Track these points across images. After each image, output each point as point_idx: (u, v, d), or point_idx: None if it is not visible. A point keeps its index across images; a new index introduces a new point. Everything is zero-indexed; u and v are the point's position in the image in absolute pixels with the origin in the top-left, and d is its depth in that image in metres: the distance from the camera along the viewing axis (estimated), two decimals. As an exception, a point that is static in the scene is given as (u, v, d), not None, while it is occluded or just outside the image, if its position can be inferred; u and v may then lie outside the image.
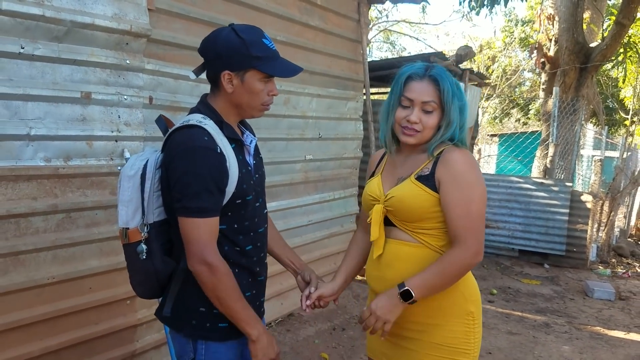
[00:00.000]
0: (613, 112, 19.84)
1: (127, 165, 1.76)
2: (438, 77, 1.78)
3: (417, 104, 1.78)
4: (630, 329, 5.15)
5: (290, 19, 4.07)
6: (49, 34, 2.42)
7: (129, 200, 1.73)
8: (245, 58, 1.68)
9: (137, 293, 1.88)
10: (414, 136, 1.80)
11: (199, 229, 1.64)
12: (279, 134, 4.16)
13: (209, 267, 1.64)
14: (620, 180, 9.09)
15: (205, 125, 1.68)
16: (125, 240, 1.75)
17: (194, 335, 1.77)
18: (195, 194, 1.62)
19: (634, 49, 10.40)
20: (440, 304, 1.80)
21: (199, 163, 1.62)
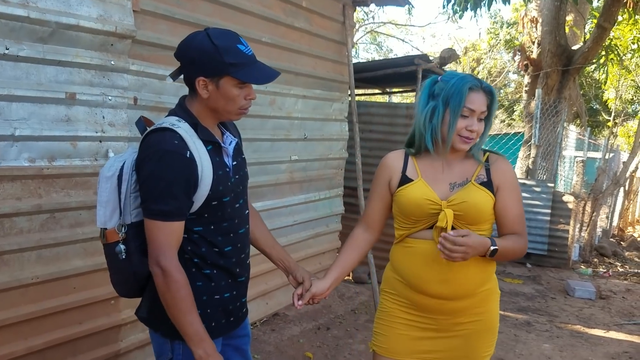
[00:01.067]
0: (597, 113, 20.09)
1: (105, 166, 1.76)
2: (492, 90, 1.95)
3: (477, 114, 1.91)
4: (610, 327, 5.24)
5: (275, 21, 4.10)
6: (34, 35, 2.43)
7: (107, 201, 1.74)
8: (219, 64, 1.67)
9: (117, 292, 1.89)
10: (470, 143, 1.94)
11: (158, 231, 1.65)
12: (265, 134, 4.18)
13: (161, 271, 1.65)
14: (603, 181, 9.22)
15: (177, 128, 1.68)
16: (103, 240, 1.77)
17: (171, 335, 1.77)
18: (158, 197, 1.64)
19: (615, 51, 10.55)
20: (488, 293, 2.04)
21: (164, 167, 1.63)
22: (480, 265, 1.96)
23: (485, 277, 2.01)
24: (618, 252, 9.60)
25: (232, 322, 1.90)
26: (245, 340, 2.06)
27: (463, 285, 1.97)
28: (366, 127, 6.12)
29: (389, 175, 2.06)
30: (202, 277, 1.78)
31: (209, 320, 1.79)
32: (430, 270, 1.96)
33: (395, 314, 2.10)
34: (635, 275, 7.68)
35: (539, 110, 8.29)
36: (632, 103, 20.21)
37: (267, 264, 4.37)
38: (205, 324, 1.74)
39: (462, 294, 1.98)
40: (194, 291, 1.72)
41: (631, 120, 20.06)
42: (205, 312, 1.78)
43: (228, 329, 1.89)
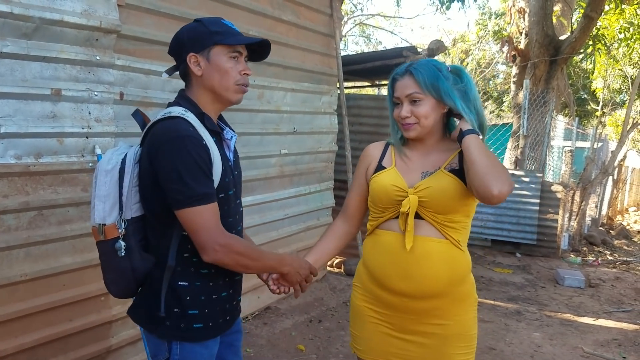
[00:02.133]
0: (585, 103, 20.22)
1: (103, 160, 1.71)
2: (413, 70, 1.84)
3: (403, 99, 1.86)
4: (600, 315, 5.29)
5: (262, 14, 4.09)
6: (18, 31, 2.41)
7: (106, 195, 1.67)
8: (205, 35, 1.68)
9: (110, 292, 1.82)
10: (412, 129, 1.87)
11: (203, 216, 1.60)
12: (254, 128, 4.17)
13: (225, 248, 1.62)
14: (591, 170, 9.29)
15: (187, 117, 1.65)
16: (101, 237, 1.69)
17: (168, 336, 1.73)
18: (194, 181, 1.58)
19: (602, 41, 10.61)
20: (460, 295, 1.90)
21: (190, 151, 1.58)
22: (448, 263, 1.85)
23: (454, 277, 1.86)
24: (607, 240, 9.70)
25: (228, 321, 1.86)
26: (237, 336, 2.03)
27: (426, 283, 1.84)
28: (355, 119, 6.13)
29: (367, 165, 2.05)
30: (201, 276, 1.73)
31: (208, 320, 1.76)
32: (393, 264, 1.88)
33: (364, 312, 2.00)
34: (624, 264, 7.76)
35: (527, 101, 8.33)
36: (619, 92, 20.36)
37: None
38: (203, 324, 1.73)
39: (426, 293, 1.85)
40: (191, 291, 1.71)
41: (619, 110, 20.21)
42: (204, 312, 1.74)
43: (225, 328, 1.86)
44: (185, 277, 1.71)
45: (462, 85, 1.86)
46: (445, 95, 1.82)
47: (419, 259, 1.83)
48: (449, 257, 1.85)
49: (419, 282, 1.84)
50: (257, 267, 1.80)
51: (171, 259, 1.69)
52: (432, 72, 1.83)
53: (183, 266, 1.70)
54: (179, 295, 1.70)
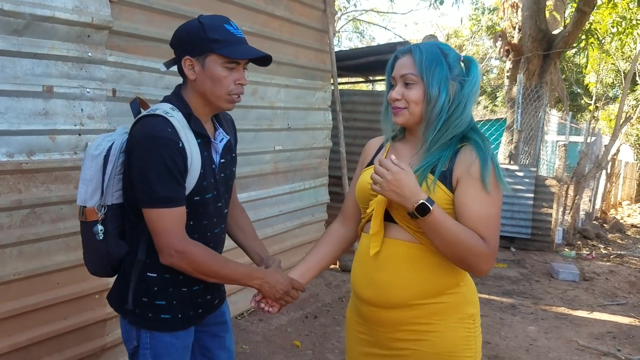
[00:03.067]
0: (578, 97, 20.28)
1: (93, 144, 1.73)
2: (414, 48, 1.64)
3: (398, 79, 1.64)
4: (594, 308, 5.32)
5: (255, 9, 4.07)
6: (8, 28, 2.38)
7: (90, 179, 1.71)
8: (202, 41, 1.64)
9: (88, 269, 1.87)
10: (400, 114, 1.65)
11: (164, 219, 1.62)
12: (248, 124, 4.16)
13: (181, 255, 1.63)
14: (585, 164, 9.32)
15: (171, 117, 1.64)
16: (82, 217, 1.75)
17: (137, 324, 1.76)
18: (160, 183, 1.60)
19: (594, 35, 10.64)
20: (440, 308, 1.63)
21: (162, 153, 1.60)
22: (419, 270, 1.62)
23: (428, 286, 1.62)
24: (601, 234, 9.74)
25: (201, 314, 1.87)
26: (222, 327, 2.01)
27: (392, 291, 1.63)
28: (350, 115, 6.12)
29: (362, 161, 1.89)
30: (171, 269, 1.71)
31: (176, 311, 1.77)
32: (362, 269, 1.72)
33: (350, 324, 1.84)
34: (618, 257, 7.80)
35: (520, 96, 8.35)
36: (612, 87, 20.44)
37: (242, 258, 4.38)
38: (171, 315, 1.76)
39: (392, 303, 1.64)
40: (160, 282, 1.74)
41: (612, 104, 20.29)
42: (171, 304, 1.76)
43: (198, 320, 1.86)
44: (154, 269, 1.73)
45: (467, 79, 1.64)
46: (434, 83, 1.59)
47: (384, 263, 1.64)
48: (421, 263, 1.61)
49: (383, 289, 1.65)
50: (218, 278, 1.74)
51: (141, 252, 1.73)
52: (434, 55, 1.61)
53: (153, 258, 1.71)
54: (148, 285, 1.74)
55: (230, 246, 2.06)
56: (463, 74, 1.65)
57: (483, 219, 1.56)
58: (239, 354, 3.70)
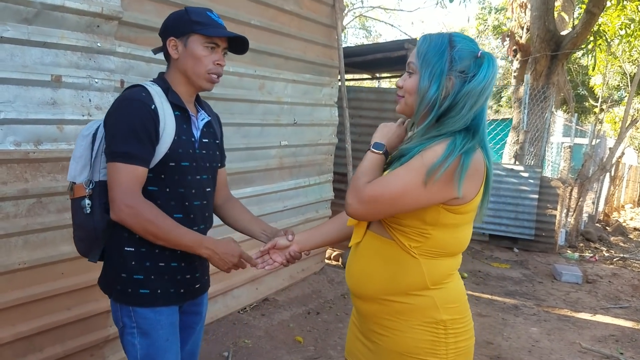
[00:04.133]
0: (583, 99, 20.21)
1: (85, 127, 1.86)
2: (424, 37, 1.58)
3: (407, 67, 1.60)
4: (597, 311, 5.30)
5: (264, 3, 4.05)
6: (18, 16, 2.37)
7: (80, 156, 1.80)
8: (185, 23, 1.80)
9: (78, 249, 1.91)
10: (398, 102, 1.63)
11: (119, 174, 1.69)
12: (254, 119, 4.15)
13: (130, 209, 1.68)
14: (589, 166, 9.29)
15: (148, 86, 1.79)
16: (71, 194, 1.82)
17: (120, 300, 1.82)
18: (122, 139, 1.69)
19: (603, 37, 10.59)
20: (403, 308, 1.61)
21: (130, 112, 1.71)
22: (388, 266, 1.61)
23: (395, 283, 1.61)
24: (604, 237, 9.72)
25: (182, 294, 1.89)
26: (195, 319, 2.04)
27: (362, 281, 1.67)
28: (356, 112, 6.11)
29: None
30: (147, 243, 1.76)
31: (154, 286, 1.81)
32: (349, 257, 1.78)
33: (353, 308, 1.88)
34: (621, 260, 7.78)
35: (527, 96, 8.32)
36: (618, 89, 20.36)
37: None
38: (149, 290, 1.80)
39: (362, 293, 1.68)
40: (137, 256, 1.79)
41: (617, 107, 20.22)
42: (149, 278, 1.80)
43: (180, 300, 1.89)
44: (131, 243, 1.79)
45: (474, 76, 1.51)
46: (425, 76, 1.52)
47: (361, 255, 1.69)
48: (389, 259, 1.61)
49: (356, 279, 1.70)
50: (166, 239, 1.74)
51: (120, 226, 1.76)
52: (437, 46, 1.53)
53: (130, 232, 1.76)
54: (125, 260, 1.80)
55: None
56: (471, 70, 1.52)
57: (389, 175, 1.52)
58: (242, 348, 3.70)
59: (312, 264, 5.31)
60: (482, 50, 1.55)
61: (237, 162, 3.97)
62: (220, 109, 3.76)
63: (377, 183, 1.52)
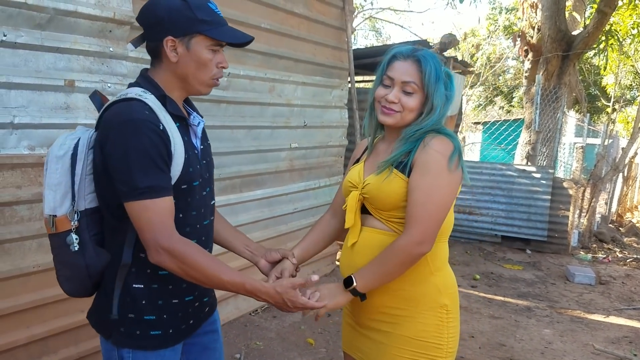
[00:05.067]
0: (595, 99, 20.07)
1: (55, 145, 1.53)
2: (422, 58, 1.69)
3: (397, 83, 1.70)
4: (610, 312, 5.26)
5: (274, 6, 4.07)
6: (32, 22, 2.41)
7: (57, 183, 1.50)
8: (190, 21, 1.50)
9: (64, 290, 1.63)
10: (392, 116, 1.72)
11: (148, 211, 1.42)
12: (264, 122, 4.16)
13: (169, 254, 1.44)
14: (602, 167, 9.22)
15: (145, 99, 1.48)
16: (52, 229, 1.53)
17: (122, 344, 1.56)
18: (141, 171, 1.41)
19: (615, 37, 10.51)
20: (411, 295, 1.73)
21: (140, 137, 1.41)
22: None
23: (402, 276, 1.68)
24: (617, 237, 9.63)
25: (191, 325, 1.69)
26: (213, 337, 1.84)
27: None
28: (366, 114, 6.10)
29: (353, 158, 2.00)
30: (159, 279, 1.56)
31: (166, 327, 1.59)
32: (344, 255, 1.86)
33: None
34: (635, 261, 7.70)
35: (539, 96, 8.27)
36: (630, 89, 20.20)
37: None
38: (161, 331, 1.58)
39: None
40: (148, 294, 1.56)
41: (630, 106, 20.05)
42: (161, 318, 1.58)
43: (188, 333, 1.68)
44: (140, 279, 1.55)
45: (449, 92, 1.74)
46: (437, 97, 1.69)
47: (361, 248, 1.77)
48: None
49: None
50: (212, 285, 1.52)
51: (126, 256, 1.53)
52: (437, 69, 1.70)
53: (138, 266, 1.54)
54: (134, 298, 1.54)
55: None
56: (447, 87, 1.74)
57: (419, 205, 1.63)
58: (253, 350, 3.71)
59: (322, 266, 5.31)
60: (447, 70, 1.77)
61: (248, 165, 3.98)
62: (231, 112, 3.79)
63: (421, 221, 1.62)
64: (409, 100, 1.70)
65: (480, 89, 19.99)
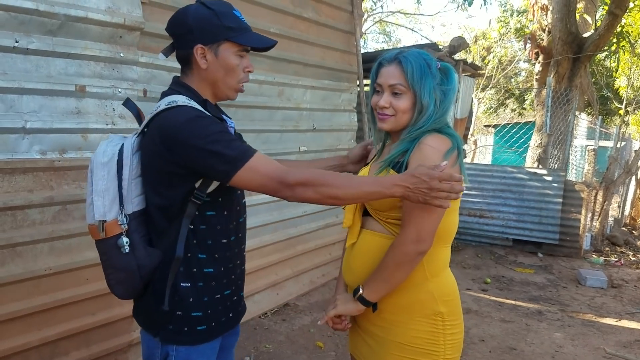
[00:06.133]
0: (608, 101, 19.91)
1: (98, 152, 1.59)
2: (402, 59, 1.72)
3: (385, 88, 1.73)
4: (622, 316, 5.21)
5: (283, 11, 4.09)
6: (43, 28, 2.44)
7: (105, 189, 1.56)
8: (218, 29, 1.59)
9: (116, 294, 1.69)
10: (387, 121, 1.74)
11: (257, 168, 1.51)
12: (274, 125, 4.18)
13: (301, 185, 1.50)
14: (614, 169, 9.14)
15: (191, 104, 1.57)
16: (102, 234, 1.57)
17: (169, 340, 1.64)
18: (228, 147, 1.49)
19: (626, 38, 10.44)
20: (404, 301, 1.72)
21: (209, 126, 1.51)
22: None
23: None
24: (630, 241, 9.54)
25: (231, 319, 1.77)
26: (234, 340, 1.92)
27: (362, 277, 1.75)
28: (375, 117, 6.10)
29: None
30: (204, 276, 1.64)
31: (210, 320, 1.67)
32: (345, 255, 1.90)
33: None
34: (648, 264, 7.62)
35: (550, 99, 8.23)
36: (644, 91, 20.01)
37: (278, 254, 4.41)
38: (207, 326, 1.66)
39: None
40: (194, 292, 1.63)
41: (643, 108, 19.87)
42: (206, 313, 1.66)
43: (228, 327, 1.76)
44: (187, 278, 1.62)
45: (447, 87, 1.74)
46: (425, 94, 1.69)
47: (360, 250, 1.79)
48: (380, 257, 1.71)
49: (356, 275, 1.78)
50: (352, 197, 1.57)
51: (179, 249, 1.59)
52: (421, 66, 1.70)
53: (186, 266, 1.61)
54: (182, 297, 1.62)
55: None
56: (445, 82, 1.74)
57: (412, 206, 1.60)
58: (263, 353, 3.72)
59: (332, 269, 5.32)
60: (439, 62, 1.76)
61: (258, 169, 4.00)
62: (240, 115, 3.82)
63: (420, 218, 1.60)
64: (399, 102, 1.71)
65: (491, 91, 19.93)
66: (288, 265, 4.59)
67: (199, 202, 1.59)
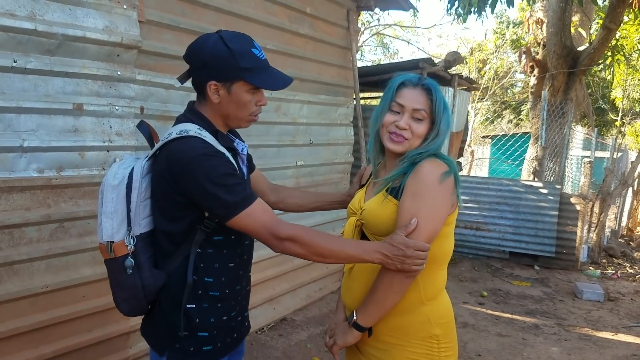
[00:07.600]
0: (604, 112, 20.00)
1: (109, 174, 1.65)
2: (432, 87, 1.75)
3: (407, 110, 1.73)
4: (619, 329, 5.21)
5: (280, 28, 4.13)
6: (41, 48, 2.47)
7: (114, 211, 1.61)
8: (232, 69, 1.61)
9: (121, 310, 1.74)
10: (402, 144, 1.74)
11: (254, 216, 1.56)
12: (270, 140, 4.21)
13: (290, 240, 1.57)
14: (611, 181, 9.17)
15: (204, 137, 1.60)
16: (110, 254, 1.63)
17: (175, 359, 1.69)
18: (230, 191, 1.54)
19: (621, 52, 10.51)
20: (400, 324, 1.75)
21: (217, 166, 1.55)
22: None
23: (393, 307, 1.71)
24: (627, 252, 9.55)
25: (235, 339, 1.81)
26: (238, 359, 1.94)
27: (360, 298, 1.77)
28: (372, 131, 6.12)
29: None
30: (210, 298, 1.68)
31: (216, 341, 1.72)
32: (344, 276, 1.91)
33: None
34: (644, 276, 7.63)
35: (545, 112, 8.28)
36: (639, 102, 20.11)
37: (274, 269, 4.41)
38: (212, 346, 1.70)
39: None
40: (200, 313, 1.67)
41: (639, 120, 19.96)
42: (212, 335, 1.70)
43: (232, 347, 1.80)
44: (193, 300, 1.67)
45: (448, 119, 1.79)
46: (444, 124, 1.75)
47: (357, 274, 1.81)
48: None
49: (355, 297, 1.80)
50: (336, 258, 1.63)
51: (190, 276, 1.65)
52: (444, 98, 1.78)
53: (192, 288, 1.66)
54: (189, 317, 1.66)
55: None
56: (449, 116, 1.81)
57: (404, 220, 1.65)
58: (259, 369, 3.72)
59: (329, 283, 5.32)
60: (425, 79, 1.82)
61: (254, 184, 4.02)
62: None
63: None
64: (419, 127, 1.73)
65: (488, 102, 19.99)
66: (285, 280, 4.59)
67: (208, 229, 1.64)
